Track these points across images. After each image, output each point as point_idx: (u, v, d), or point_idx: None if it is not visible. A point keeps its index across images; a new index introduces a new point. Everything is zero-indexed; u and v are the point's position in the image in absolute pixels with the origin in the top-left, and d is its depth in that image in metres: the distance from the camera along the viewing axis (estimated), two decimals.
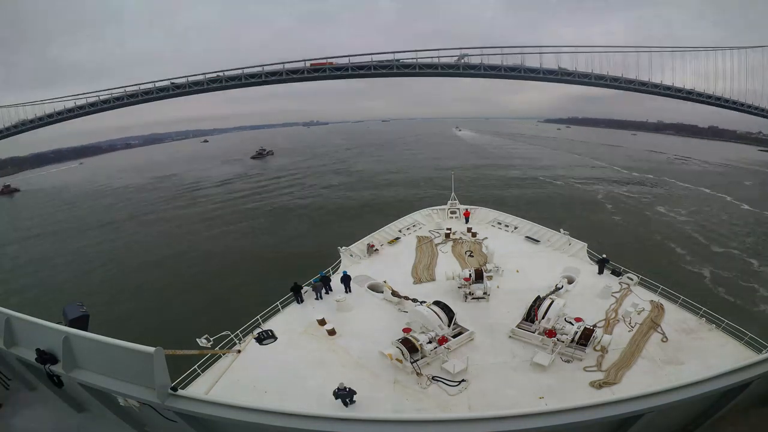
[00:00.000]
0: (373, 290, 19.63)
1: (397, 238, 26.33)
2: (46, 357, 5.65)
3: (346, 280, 19.35)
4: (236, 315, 16.72)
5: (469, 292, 18.11)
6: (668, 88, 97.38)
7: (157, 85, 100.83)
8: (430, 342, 14.07)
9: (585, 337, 14.01)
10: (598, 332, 14.54)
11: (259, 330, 15.83)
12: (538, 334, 14.69)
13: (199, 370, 13.33)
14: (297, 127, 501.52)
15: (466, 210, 29.89)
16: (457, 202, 30.78)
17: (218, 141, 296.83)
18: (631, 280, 18.95)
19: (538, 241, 25.20)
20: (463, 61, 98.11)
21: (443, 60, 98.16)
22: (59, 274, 41.03)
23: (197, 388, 12.45)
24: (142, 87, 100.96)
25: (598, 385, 12.57)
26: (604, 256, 20.84)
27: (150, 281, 36.35)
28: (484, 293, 18.07)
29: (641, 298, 17.46)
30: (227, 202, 71.24)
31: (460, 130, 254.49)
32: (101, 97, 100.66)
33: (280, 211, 61.66)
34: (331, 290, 19.16)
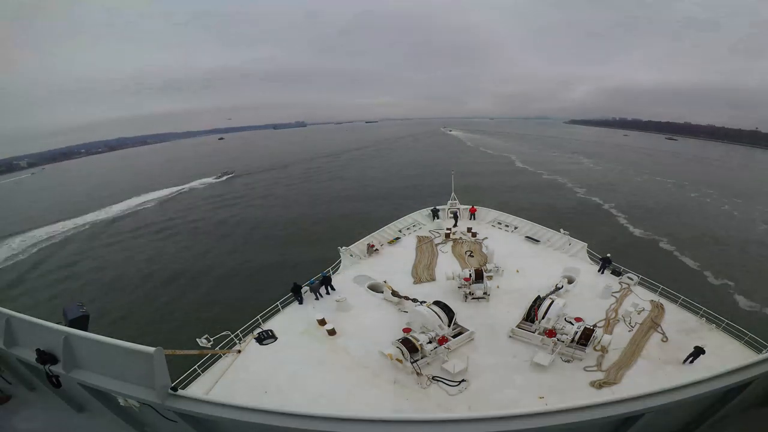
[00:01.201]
0: (373, 290, 19.63)
1: (397, 238, 26.34)
2: (46, 357, 5.63)
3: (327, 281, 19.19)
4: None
5: (469, 292, 18.11)
6: None
7: None
8: (430, 342, 14.08)
9: (585, 337, 14.01)
10: (598, 332, 14.53)
11: (259, 330, 15.84)
12: (539, 334, 14.70)
13: (199, 370, 13.34)
14: (266, 130, 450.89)
15: (472, 207, 30.16)
16: (457, 202, 30.80)
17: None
18: (631, 280, 18.95)
19: (538, 241, 25.19)
20: None
21: None
22: None
23: (197, 388, 12.49)
24: None
25: (599, 385, 12.59)
26: (608, 255, 20.81)
27: None
28: (484, 293, 18.08)
29: (641, 298, 17.47)
30: None
31: (450, 131, 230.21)
32: None
33: None
34: (334, 289, 19.17)
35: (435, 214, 29.68)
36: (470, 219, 29.44)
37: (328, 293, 18.99)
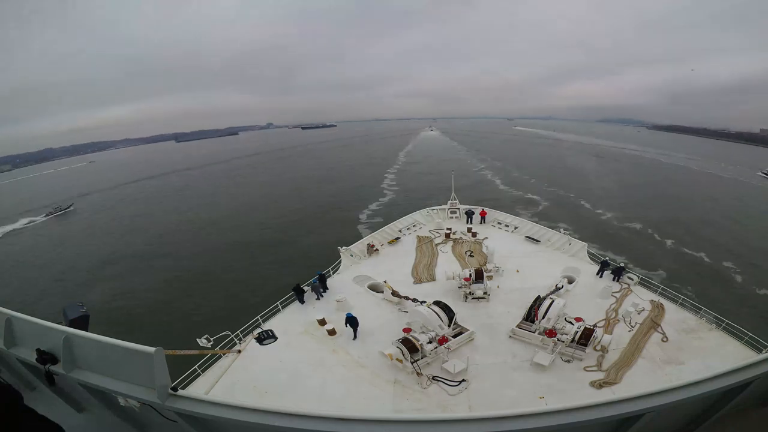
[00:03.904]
0: (373, 290, 19.63)
1: (397, 238, 26.34)
2: (46, 357, 5.63)
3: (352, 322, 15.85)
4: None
5: (469, 292, 18.10)
6: None
7: None
8: (430, 342, 14.07)
9: (585, 337, 14.01)
10: (599, 332, 14.54)
11: (259, 330, 15.84)
12: (539, 333, 14.69)
13: (199, 370, 13.35)
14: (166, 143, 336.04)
15: (483, 210, 30.14)
16: (457, 202, 30.83)
17: None
18: (632, 279, 18.95)
19: (538, 241, 25.19)
20: None
21: None
22: None
23: (198, 388, 12.49)
24: None
25: (599, 384, 12.59)
26: (606, 258, 20.81)
27: None
28: (484, 293, 18.07)
29: (641, 297, 17.46)
30: None
31: (431, 129, 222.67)
32: None
33: None
34: (327, 288, 19.17)
35: (469, 216, 29.32)
36: (480, 222, 29.33)
37: (324, 292, 19.00)
